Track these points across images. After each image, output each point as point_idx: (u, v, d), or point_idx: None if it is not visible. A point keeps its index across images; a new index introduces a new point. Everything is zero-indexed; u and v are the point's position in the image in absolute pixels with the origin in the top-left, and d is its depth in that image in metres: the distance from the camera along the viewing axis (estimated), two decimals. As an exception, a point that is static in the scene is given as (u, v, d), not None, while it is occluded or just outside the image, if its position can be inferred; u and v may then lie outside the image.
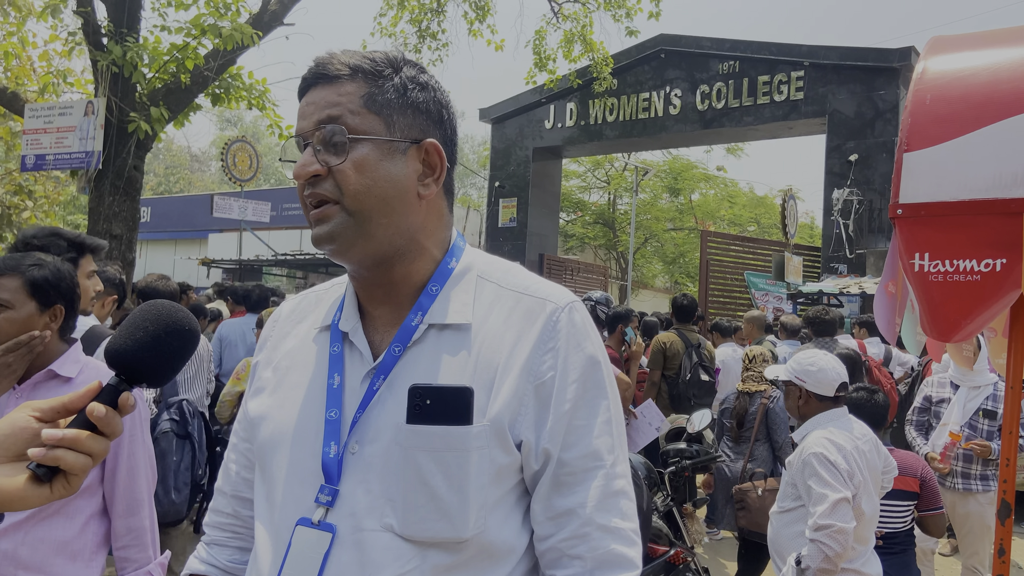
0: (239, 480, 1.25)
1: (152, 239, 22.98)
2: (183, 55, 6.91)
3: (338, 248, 1.09)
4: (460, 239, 1.22)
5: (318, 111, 1.07)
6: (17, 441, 0.88)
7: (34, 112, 6.73)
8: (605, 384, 1.13)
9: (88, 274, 2.71)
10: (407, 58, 1.15)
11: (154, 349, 0.95)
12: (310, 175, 1.06)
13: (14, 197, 12.31)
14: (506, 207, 16.10)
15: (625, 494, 1.12)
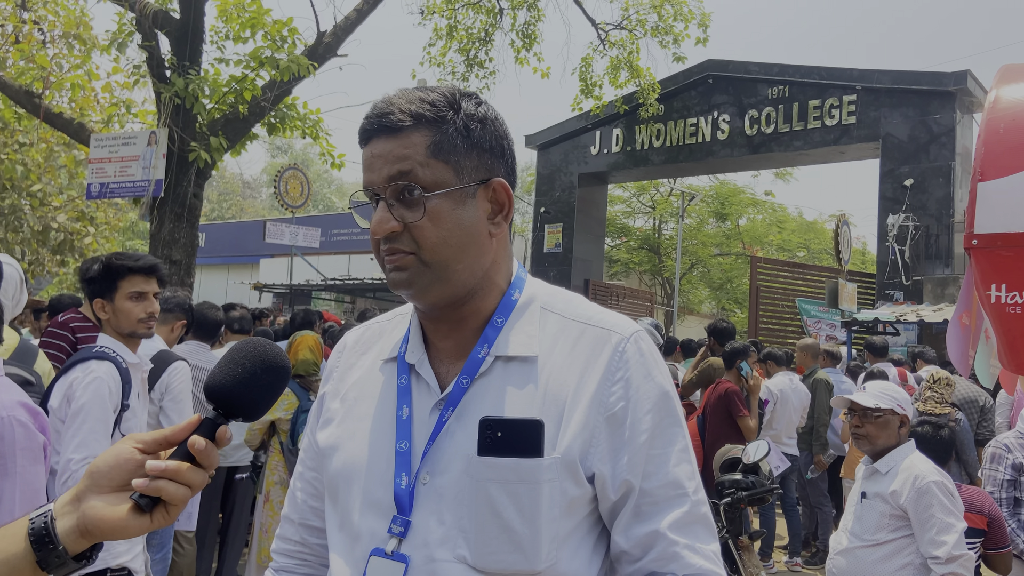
0: (306, 508, 1.27)
1: (206, 264, 23.51)
2: (242, 86, 7.12)
3: (415, 293, 1.10)
4: (521, 269, 1.23)
5: (387, 165, 1.07)
6: (121, 472, 0.91)
7: (99, 142, 6.98)
8: (677, 412, 1.13)
9: (130, 296, 2.77)
10: (462, 90, 1.15)
11: (250, 385, 0.97)
12: (388, 232, 1.07)
13: (76, 223, 12.74)
14: (551, 232, 16.12)
15: (708, 520, 1.12)
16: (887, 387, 3.20)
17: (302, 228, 15.37)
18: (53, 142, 11.38)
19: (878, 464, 3.12)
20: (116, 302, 2.67)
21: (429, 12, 12.04)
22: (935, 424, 3.53)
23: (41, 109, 7.34)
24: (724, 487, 4.06)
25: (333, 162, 8.43)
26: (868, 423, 3.12)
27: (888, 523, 3.01)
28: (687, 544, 1.07)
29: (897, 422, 3.12)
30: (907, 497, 2.94)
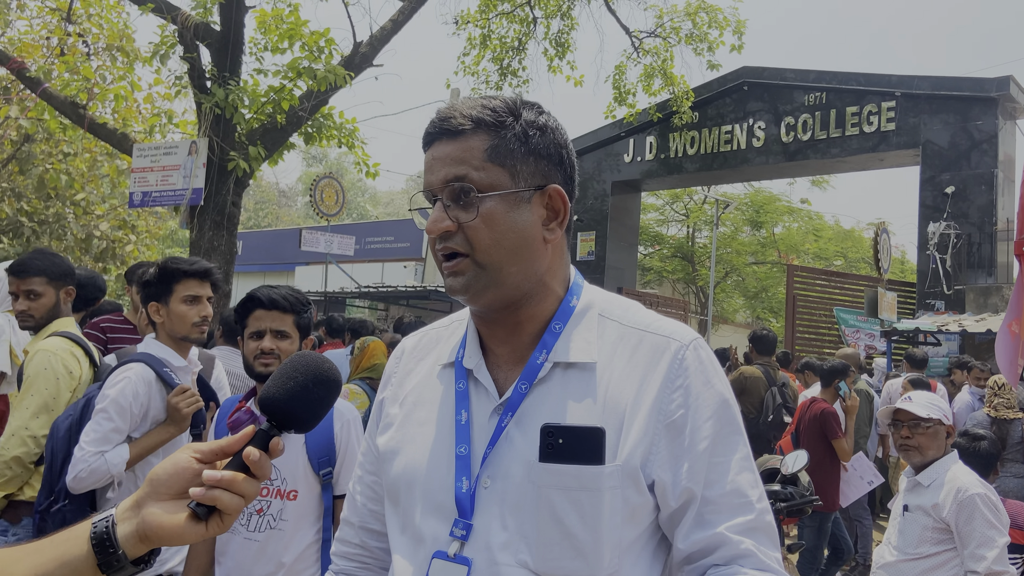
0: (366, 512, 1.29)
1: (243, 271, 23.85)
2: (280, 96, 7.22)
3: (470, 297, 1.12)
4: (578, 276, 1.23)
5: (444, 167, 1.10)
6: (179, 480, 0.94)
7: (142, 152, 7.13)
8: (737, 420, 1.13)
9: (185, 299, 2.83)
10: (525, 100, 1.17)
11: (302, 398, 1.00)
12: (442, 231, 1.10)
13: (118, 231, 13.02)
14: (584, 240, 16.09)
15: (772, 529, 1.11)
16: (933, 397, 3.14)
17: (337, 236, 15.53)
18: (96, 152, 11.66)
19: (920, 476, 3.06)
20: (171, 305, 2.72)
21: (463, 22, 12.13)
22: (973, 436, 3.46)
23: (85, 120, 7.52)
24: (762, 498, 4.01)
25: (368, 171, 8.51)
26: (919, 434, 3.05)
27: (931, 536, 2.94)
28: (754, 544, 1.07)
29: (944, 432, 3.06)
30: (950, 510, 2.88)
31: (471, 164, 1.10)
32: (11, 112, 9.05)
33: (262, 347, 2.37)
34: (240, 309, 2.45)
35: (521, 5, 11.93)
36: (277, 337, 2.39)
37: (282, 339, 2.40)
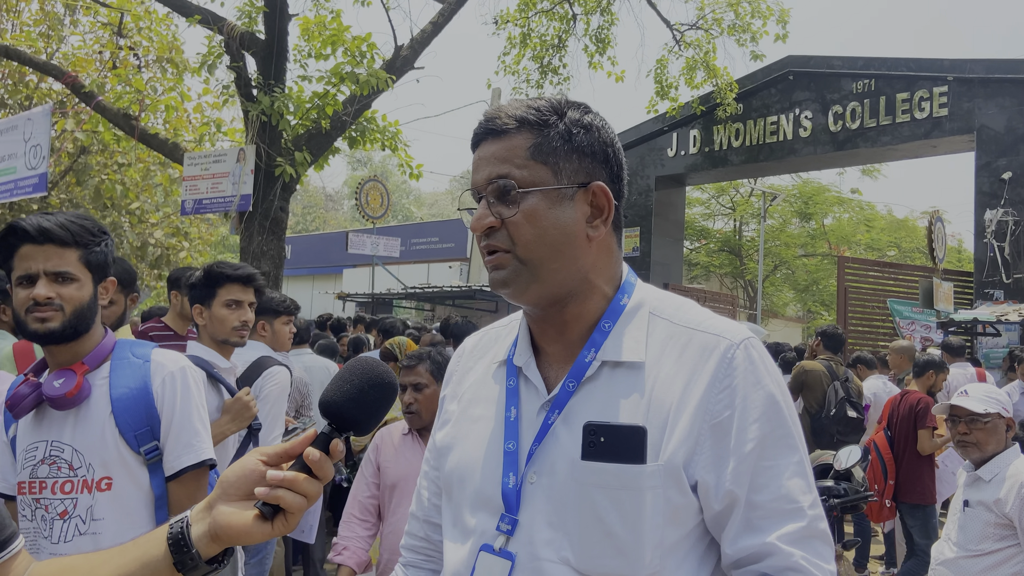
0: (430, 506, 1.31)
1: (292, 275, 24.28)
2: (324, 102, 7.33)
3: (513, 292, 1.13)
4: (631, 275, 1.22)
5: (489, 166, 1.12)
6: (247, 482, 0.98)
7: (192, 160, 7.31)
8: (789, 422, 1.10)
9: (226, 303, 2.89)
10: (572, 100, 1.18)
11: (359, 401, 1.03)
12: (485, 228, 1.12)
13: (172, 239, 13.37)
14: (628, 237, 15.98)
15: (825, 537, 1.08)
16: (991, 389, 3.05)
17: (382, 238, 15.72)
18: (149, 162, 11.98)
19: (981, 471, 2.97)
20: (213, 308, 2.77)
21: (503, 21, 12.15)
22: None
23: (137, 130, 7.74)
24: (815, 494, 3.94)
25: (412, 172, 8.59)
26: (977, 429, 2.97)
27: (993, 532, 2.86)
28: (805, 556, 1.05)
29: (1004, 426, 2.97)
30: (1013, 505, 2.79)
31: (514, 162, 1.11)
32: (67, 125, 9.36)
33: (35, 295, 1.78)
34: (0, 247, 1.83)
35: (560, 2, 11.90)
36: (56, 281, 1.79)
37: (66, 283, 1.80)
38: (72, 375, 1.81)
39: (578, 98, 1.22)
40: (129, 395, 1.85)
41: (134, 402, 1.86)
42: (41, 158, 7.48)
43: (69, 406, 1.81)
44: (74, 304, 1.81)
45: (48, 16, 12.07)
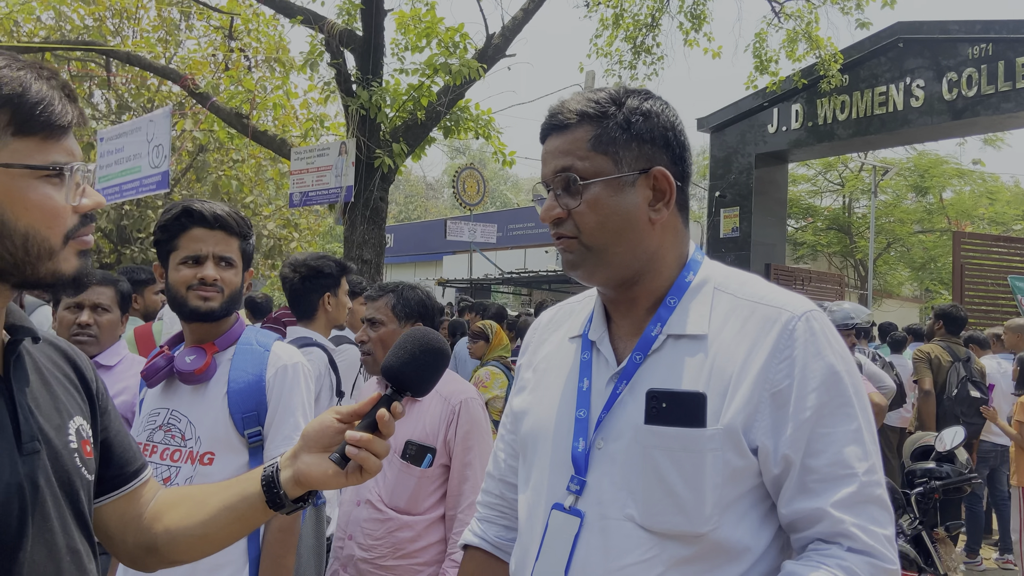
0: (506, 467, 1.43)
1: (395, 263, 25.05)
2: (419, 94, 7.56)
3: (582, 275, 1.23)
4: (698, 252, 1.29)
5: (554, 159, 1.21)
6: (324, 436, 1.14)
7: (299, 155, 7.70)
8: (850, 393, 1.14)
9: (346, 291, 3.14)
10: (631, 89, 1.24)
11: (412, 364, 1.17)
12: (553, 218, 1.21)
13: (283, 230, 14.07)
14: (727, 217, 15.62)
15: (880, 502, 1.12)
16: None
17: (480, 225, 16.00)
18: (261, 157, 12.63)
19: None
20: (339, 296, 3.07)
21: (595, 3, 12.08)
22: None
23: (249, 128, 8.19)
24: (916, 476, 3.84)
25: (505, 160, 8.73)
26: None
27: None
28: (856, 523, 1.09)
29: None
30: None
31: (576, 155, 1.19)
32: (186, 125, 10.00)
33: (202, 275, 1.92)
34: (170, 226, 1.96)
35: (653, -20, 11.73)
36: (221, 265, 1.94)
37: (227, 268, 1.96)
38: (203, 353, 1.97)
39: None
40: (245, 380, 1.97)
41: (248, 387, 1.96)
42: (163, 157, 8.02)
43: (195, 381, 1.96)
44: (231, 287, 1.97)
45: (165, 22, 12.87)
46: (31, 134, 0.95)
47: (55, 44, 10.02)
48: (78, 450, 1.07)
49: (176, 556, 1.21)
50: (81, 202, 1.00)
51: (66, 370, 1.15)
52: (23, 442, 0.97)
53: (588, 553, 1.15)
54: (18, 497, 0.95)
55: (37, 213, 0.95)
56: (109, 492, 1.20)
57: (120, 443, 1.22)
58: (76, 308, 2.58)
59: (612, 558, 1.13)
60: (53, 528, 0.99)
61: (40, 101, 0.94)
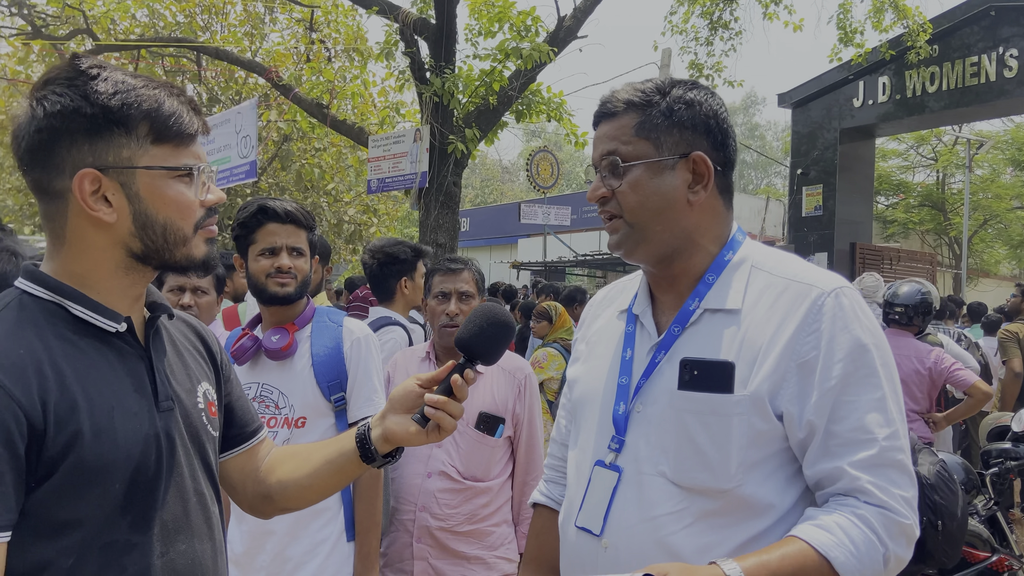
0: (566, 432, 1.56)
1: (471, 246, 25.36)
2: (491, 79, 7.68)
3: (625, 252, 1.34)
4: (739, 233, 1.38)
5: (602, 144, 1.33)
6: (408, 399, 1.32)
7: (376, 142, 7.94)
8: (876, 365, 1.22)
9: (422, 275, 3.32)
10: (677, 80, 1.35)
11: (480, 335, 1.32)
12: (598, 198, 1.34)
13: (363, 216, 14.48)
14: (810, 195, 15.19)
15: (900, 467, 1.19)
16: None
17: (554, 207, 16.06)
18: (341, 145, 13.01)
19: None
20: (415, 280, 3.25)
21: (669, -20, 11.90)
22: None
23: (328, 118, 8.49)
24: (991, 456, 3.76)
25: (577, 141, 8.78)
26: None
27: None
28: (872, 481, 1.17)
29: None
30: None
31: (621, 139, 1.31)
32: (271, 116, 10.42)
33: (278, 265, 2.18)
34: (248, 222, 2.23)
35: (730, -45, 11.47)
36: (293, 255, 2.21)
37: (298, 257, 2.22)
38: (285, 333, 2.23)
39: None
40: (325, 352, 2.22)
41: (329, 358, 2.22)
42: (251, 147, 8.39)
43: (282, 358, 2.23)
44: (303, 274, 2.24)
45: (251, 16, 13.36)
46: (166, 142, 1.13)
47: (149, 42, 10.57)
48: (204, 410, 1.27)
49: (287, 504, 1.42)
50: (207, 197, 1.19)
51: (195, 343, 1.36)
52: (160, 400, 1.17)
53: (624, 504, 1.28)
54: (155, 446, 1.14)
55: (173, 207, 1.14)
56: (232, 448, 1.42)
57: (240, 407, 1.43)
58: (179, 291, 2.82)
59: (645, 509, 1.25)
60: (183, 473, 1.19)
61: (172, 114, 1.13)
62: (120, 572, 1.08)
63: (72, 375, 1.06)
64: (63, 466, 1.03)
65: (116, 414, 1.09)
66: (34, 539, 1.03)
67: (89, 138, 1.09)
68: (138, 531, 1.11)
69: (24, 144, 1.10)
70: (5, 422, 0.99)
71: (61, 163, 1.10)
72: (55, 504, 1.04)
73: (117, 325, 1.14)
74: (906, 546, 1.18)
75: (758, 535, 1.22)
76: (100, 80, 1.09)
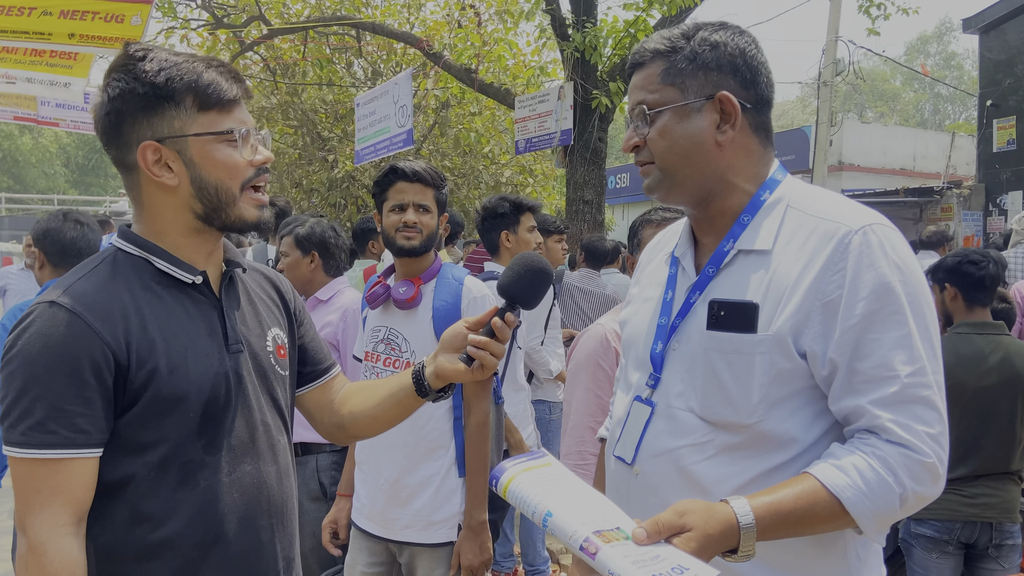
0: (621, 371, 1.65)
1: (631, 201, 25.08)
2: (635, 28, 7.56)
3: (661, 197, 1.39)
4: (779, 172, 1.39)
5: (633, 94, 1.38)
6: (456, 340, 1.45)
7: (522, 103, 8.08)
8: (902, 302, 1.20)
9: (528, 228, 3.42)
10: (704, 23, 1.36)
11: (519, 282, 1.43)
12: (631, 147, 1.38)
13: (520, 176, 14.75)
14: (1002, 128, 13.63)
15: (926, 403, 1.19)
16: None
17: (715, 157, 15.50)
18: (495, 108, 13.29)
19: None
20: (519, 233, 3.37)
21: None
22: None
23: (476, 82, 8.73)
24: None
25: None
26: None
27: None
28: (893, 419, 1.18)
29: None
30: None
31: (648, 89, 1.35)
32: (428, 85, 10.83)
33: (405, 220, 2.37)
34: (381, 180, 2.45)
35: None
36: (419, 211, 2.39)
37: (424, 213, 2.40)
38: (411, 285, 2.44)
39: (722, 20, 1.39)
40: (445, 306, 2.42)
41: (447, 311, 2.41)
42: (407, 116, 8.80)
43: (407, 307, 2.45)
44: (429, 229, 2.42)
45: (409, -12, 13.84)
46: (209, 109, 1.30)
47: (313, 23, 11.29)
48: (272, 352, 1.47)
49: (356, 432, 1.61)
50: (255, 157, 1.35)
51: (270, 292, 1.55)
52: (229, 343, 1.37)
53: (655, 435, 1.35)
54: (224, 382, 1.34)
55: (222, 168, 1.32)
56: (307, 383, 1.62)
57: (313, 347, 1.63)
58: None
59: (672, 440, 1.33)
60: (251, 406, 1.39)
61: (211, 83, 1.30)
62: (194, 486, 1.30)
63: (153, 320, 1.28)
64: (144, 396, 1.25)
65: (189, 354, 1.30)
66: (123, 455, 1.26)
67: (145, 114, 1.28)
68: (210, 452, 1.32)
69: (100, 127, 1.31)
70: (95, 358, 1.21)
71: (128, 139, 1.29)
72: (140, 427, 1.26)
73: (193, 277, 1.34)
74: (930, 483, 1.18)
75: (777, 467, 1.26)
76: (147, 61, 1.27)
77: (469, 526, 2.34)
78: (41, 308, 1.22)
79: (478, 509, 2.35)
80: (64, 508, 1.20)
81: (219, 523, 1.31)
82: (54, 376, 1.19)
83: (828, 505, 1.16)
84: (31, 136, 35.32)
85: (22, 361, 1.19)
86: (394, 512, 2.39)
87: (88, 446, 1.21)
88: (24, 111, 9.14)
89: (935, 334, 1.23)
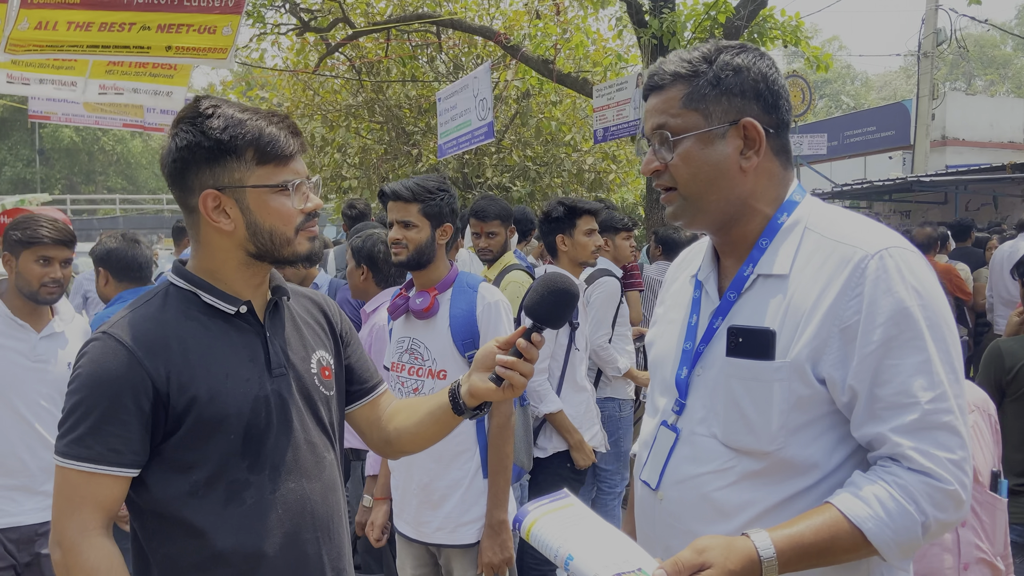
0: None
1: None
2: (716, 10, 7.40)
3: (684, 223, 1.39)
4: (798, 192, 1.37)
5: (652, 117, 1.36)
6: (488, 359, 1.49)
7: (599, 92, 8.03)
8: (920, 327, 1.19)
9: (586, 232, 3.43)
10: (725, 45, 1.34)
11: (543, 303, 1.46)
12: (652, 171, 1.37)
13: (603, 163, 14.66)
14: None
15: (947, 428, 1.17)
16: None
17: (806, 136, 15.03)
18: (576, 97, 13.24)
19: None
20: (575, 237, 3.38)
21: None
22: None
23: (554, 72, 8.73)
24: None
25: (820, 65, 8.19)
26: None
27: None
28: (914, 446, 1.16)
29: None
30: None
31: (669, 113, 1.33)
32: (508, 76, 10.89)
33: (391, 237, 2.48)
34: (381, 201, 2.57)
35: None
36: (403, 227, 2.44)
37: (407, 228, 2.43)
38: (427, 296, 2.49)
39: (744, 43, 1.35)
40: (461, 315, 2.47)
41: (464, 319, 2.46)
42: (487, 109, 8.89)
43: (425, 317, 2.50)
44: (415, 243, 2.45)
45: (488, -18, 13.92)
46: (267, 163, 1.41)
47: (393, 22, 11.53)
48: (317, 374, 1.55)
49: (403, 447, 1.68)
50: (306, 205, 1.46)
51: (317, 316, 1.64)
52: (272, 367, 1.46)
53: (679, 462, 1.36)
54: (265, 405, 1.43)
55: (276, 216, 1.42)
56: (355, 401, 1.70)
57: (360, 367, 1.71)
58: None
59: (695, 466, 1.33)
60: (294, 427, 1.48)
61: (272, 140, 1.40)
62: (241, 503, 1.40)
63: (195, 349, 1.39)
64: (187, 420, 1.36)
65: (229, 380, 1.40)
66: (172, 474, 1.38)
67: (209, 165, 1.39)
68: (254, 472, 1.42)
69: (167, 170, 1.43)
70: (135, 385, 1.33)
71: (191, 185, 1.41)
72: (185, 449, 1.38)
73: (236, 308, 1.44)
74: (953, 510, 1.16)
75: (800, 492, 1.25)
76: (214, 118, 1.38)
77: (490, 525, 2.41)
78: (98, 337, 1.37)
79: (498, 508, 2.42)
80: (93, 513, 1.33)
81: (265, 538, 1.40)
82: (98, 399, 1.32)
83: (850, 536, 1.16)
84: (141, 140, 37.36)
85: (79, 384, 1.35)
86: (426, 515, 2.48)
87: (119, 465, 1.33)
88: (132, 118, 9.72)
89: (957, 357, 1.21)
